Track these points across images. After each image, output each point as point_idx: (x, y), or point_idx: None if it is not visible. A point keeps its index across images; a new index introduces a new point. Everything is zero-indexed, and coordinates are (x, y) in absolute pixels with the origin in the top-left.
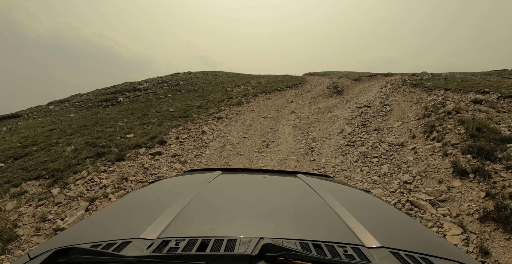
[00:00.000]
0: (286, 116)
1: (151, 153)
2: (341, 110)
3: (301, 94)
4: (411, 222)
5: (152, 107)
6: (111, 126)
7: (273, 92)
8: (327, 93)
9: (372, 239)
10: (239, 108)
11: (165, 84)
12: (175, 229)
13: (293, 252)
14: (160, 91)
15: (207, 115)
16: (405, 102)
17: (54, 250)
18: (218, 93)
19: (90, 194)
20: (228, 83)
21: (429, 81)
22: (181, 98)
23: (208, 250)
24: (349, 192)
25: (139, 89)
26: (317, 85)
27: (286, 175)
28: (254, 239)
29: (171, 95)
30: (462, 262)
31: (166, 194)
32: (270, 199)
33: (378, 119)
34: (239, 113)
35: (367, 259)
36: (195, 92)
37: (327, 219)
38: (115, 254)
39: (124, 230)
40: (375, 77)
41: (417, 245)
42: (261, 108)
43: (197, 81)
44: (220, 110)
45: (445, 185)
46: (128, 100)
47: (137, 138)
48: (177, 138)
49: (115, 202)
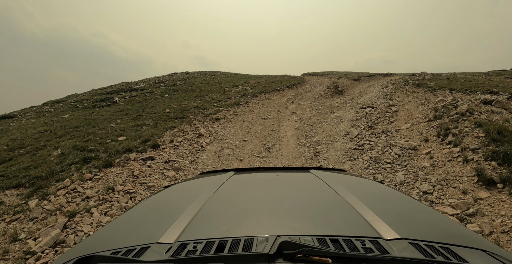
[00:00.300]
0: (287, 118)
1: (143, 158)
2: (344, 111)
3: (301, 95)
4: (429, 211)
5: (147, 108)
6: (104, 128)
7: (272, 93)
8: (328, 93)
9: (390, 231)
10: (237, 109)
11: (162, 84)
12: (192, 232)
13: (311, 249)
14: (157, 92)
15: (204, 116)
16: (410, 102)
17: (76, 258)
18: (216, 93)
19: (70, 208)
20: (226, 83)
21: (432, 81)
22: (178, 98)
23: (226, 251)
24: (364, 184)
25: (135, 89)
26: (316, 86)
27: (298, 171)
28: (271, 237)
29: (168, 95)
30: (485, 249)
31: (181, 197)
32: (284, 196)
33: (385, 121)
34: (237, 114)
35: (387, 252)
36: (192, 93)
37: (343, 213)
38: (135, 259)
39: (142, 235)
40: (375, 77)
41: (437, 235)
42: (261, 109)
43: (195, 81)
44: (218, 111)
45: (470, 196)
46: (124, 100)
47: (129, 141)
48: (172, 141)
49: (132, 208)
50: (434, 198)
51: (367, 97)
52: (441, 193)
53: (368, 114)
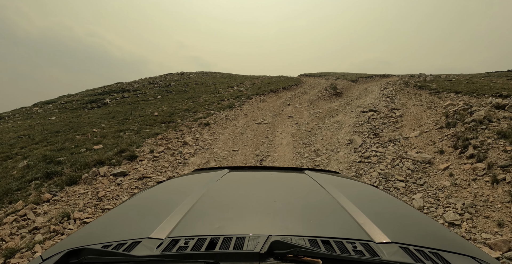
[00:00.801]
0: (283, 122)
1: (114, 173)
2: (344, 115)
3: (298, 97)
4: (420, 216)
5: (137, 110)
6: (85, 133)
7: (267, 94)
8: (326, 95)
9: (381, 234)
10: (230, 113)
11: (155, 85)
12: (184, 228)
13: (302, 249)
14: (150, 93)
15: (194, 120)
16: (415, 106)
17: (66, 251)
18: (209, 95)
19: (12, 243)
20: (221, 84)
21: (434, 83)
22: (170, 100)
23: (217, 249)
24: (357, 187)
25: (128, 90)
26: (314, 87)
27: (293, 171)
28: (263, 236)
29: (160, 96)
30: (473, 256)
31: (174, 193)
32: (277, 196)
33: (390, 127)
34: (229, 118)
35: (377, 255)
36: (185, 94)
37: (336, 215)
38: (126, 254)
39: (133, 230)
40: (373, 78)
41: (427, 240)
42: (255, 113)
43: (189, 82)
44: (209, 114)
45: (509, 229)
46: (115, 102)
47: (103, 152)
48: (152, 151)
49: (124, 202)
50: (463, 231)
51: (367, 100)
52: (471, 225)
53: (371, 119)
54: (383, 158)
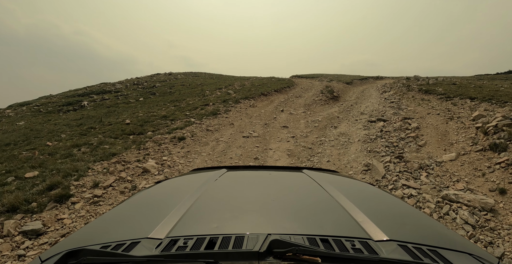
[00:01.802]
0: (276, 134)
1: (24, 231)
2: (348, 125)
3: (292, 100)
4: (418, 214)
5: (111, 116)
6: (35, 147)
7: (258, 98)
8: (323, 99)
9: (379, 232)
10: (213, 121)
11: (139, 86)
12: (183, 228)
13: (301, 248)
14: (132, 94)
15: (167, 132)
16: (431, 115)
17: (65, 252)
18: (194, 97)
19: None
20: (209, 86)
21: (439, 87)
22: (152, 102)
23: (216, 248)
24: (355, 186)
25: (109, 92)
26: (308, 89)
27: (291, 170)
28: (262, 235)
29: (142, 99)
30: (471, 253)
31: (173, 193)
32: (276, 195)
33: (412, 145)
34: (211, 129)
35: (375, 253)
36: (170, 96)
37: (334, 214)
38: (125, 254)
39: (132, 230)
40: (367, 80)
41: (426, 237)
42: (243, 121)
43: (175, 83)
44: (188, 124)
45: None
46: (94, 104)
47: (30, 184)
48: (96, 185)
49: (123, 203)
50: None
51: (369, 105)
52: None
53: (384, 133)
54: (421, 200)
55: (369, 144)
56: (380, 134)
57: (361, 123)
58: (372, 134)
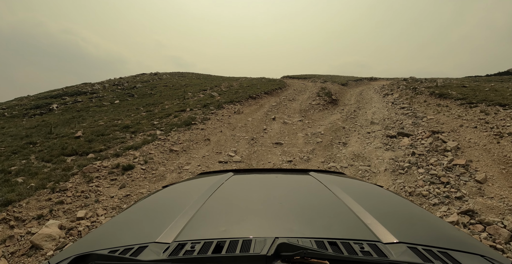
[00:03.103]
0: (267, 156)
1: None
2: (361, 141)
3: (285, 105)
4: (428, 215)
5: (70, 124)
6: None
7: (245, 102)
8: (321, 103)
9: (388, 235)
10: (183, 135)
11: (119, 87)
12: (190, 232)
13: (309, 251)
14: (108, 96)
15: (115, 154)
16: (465, 128)
17: (74, 256)
18: (173, 100)
19: None
20: (194, 87)
21: (451, 90)
22: (125, 106)
23: (224, 252)
24: (363, 188)
25: (85, 93)
26: (301, 91)
27: (298, 173)
28: (269, 239)
29: (118, 101)
30: (483, 254)
31: (180, 197)
32: (283, 198)
33: (468, 182)
34: (177, 148)
35: (385, 255)
36: (148, 98)
37: (342, 216)
38: (133, 258)
39: (140, 234)
40: (361, 81)
41: (436, 239)
42: (223, 134)
43: (158, 84)
44: (149, 139)
45: None
46: (64, 107)
47: None
48: None
49: (130, 207)
50: None
51: (376, 111)
52: None
53: (417, 157)
54: None
55: (404, 177)
56: (414, 160)
57: (377, 139)
58: (400, 157)
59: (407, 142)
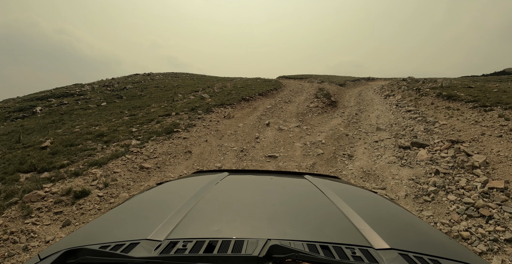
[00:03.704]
0: None
1: None
2: (369, 152)
3: (280, 107)
4: (420, 223)
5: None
6: None
7: (237, 104)
8: (319, 106)
9: (380, 241)
10: (161, 147)
11: (108, 88)
12: (183, 230)
13: (300, 254)
14: (95, 98)
15: (74, 173)
16: (488, 137)
17: (64, 250)
18: (161, 103)
19: None
20: (186, 88)
21: (457, 91)
22: (111, 109)
23: (216, 251)
24: (357, 193)
25: (72, 95)
26: (298, 92)
27: (293, 176)
28: (261, 240)
29: (105, 103)
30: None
31: (174, 195)
32: (277, 200)
33: None
34: (150, 165)
35: (376, 261)
36: (136, 100)
37: (335, 220)
38: (123, 255)
39: (132, 231)
40: (359, 82)
41: (427, 247)
42: (208, 145)
43: (150, 85)
44: (120, 152)
45: None
46: (48, 110)
47: None
48: None
49: (123, 203)
50: None
51: (380, 115)
52: None
53: (445, 179)
54: None
55: (431, 207)
56: (440, 181)
57: (388, 150)
58: (422, 177)
59: (424, 154)
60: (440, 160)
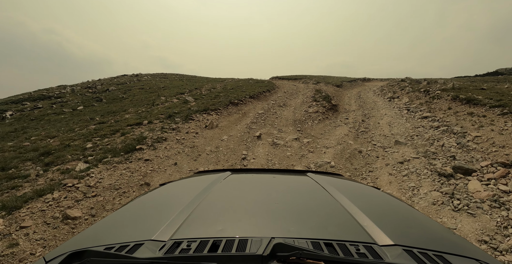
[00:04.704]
0: None
1: None
2: (396, 182)
3: (274, 113)
4: (424, 218)
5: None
6: None
7: (224, 110)
8: (319, 111)
9: (384, 237)
10: (110, 176)
11: (90, 90)
12: (187, 230)
13: (304, 252)
14: (73, 101)
15: None
16: None
17: (69, 253)
18: (140, 107)
19: None
20: (171, 90)
21: (475, 94)
22: (85, 114)
23: (220, 251)
24: (360, 190)
25: (49, 98)
26: (293, 94)
27: (295, 174)
28: (265, 239)
29: (82, 107)
30: (478, 259)
31: (177, 195)
32: (280, 198)
33: None
34: (78, 215)
35: (380, 258)
36: (115, 104)
37: (338, 218)
38: (128, 256)
39: (136, 232)
40: (356, 82)
41: (431, 242)
42: (177, 170)
43: (134, 86)
44: (53, 185)
45: None
46: (19, 115)
47: None
48: None
49: (127, 204)
50: None
51: (391, 122)
52: None
53: None
54: None
55: None
56: None
57: (425, 180)
58: (497, 236)
59: (480, 188)
60: (504, 197)
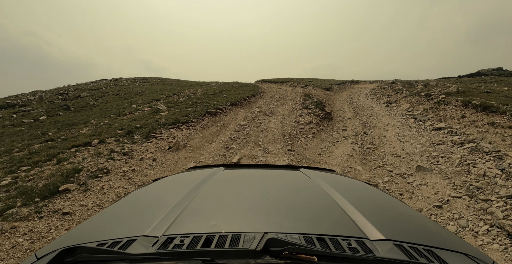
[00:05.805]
0: None
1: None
2: None
3: (259, 124)
4: (415, 214)
5: None
6: None
7: (199, 121)
8: (312, 121)
9: (375, 232)
10: None
11: (60, 97)
12: (180, 225)
13: (297, 246)
14: (37, 110)
15: None
16: None
17: (60, 249)
18: (104, 118)
19: None
20: (148, 95)
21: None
22: (44, 126)
23: (213, 246)
24: (352, 185)
25: (13, 106)
26: (280, 99)
27: (288, 169)
28: (258, 234)
29: (45, 117)
30: (466, 253)
31: (170, 191)
32: (273, 193)
33: None
34: None
35: (371, 252)
36: (83, 113)
37: (331, 213)
38: (121, 252)
39: (129, 228)
40: (344, 85)
41: (421, 237)
42: None
43: (109, 92)
44: None
45: None
46: None
47: None
48: None
49: (119, 200)
50: None
51: (401, 135)
52: None
53: None
54: None
55: None
56: None
57: (488, 242)
58: None
59: None
60: None
